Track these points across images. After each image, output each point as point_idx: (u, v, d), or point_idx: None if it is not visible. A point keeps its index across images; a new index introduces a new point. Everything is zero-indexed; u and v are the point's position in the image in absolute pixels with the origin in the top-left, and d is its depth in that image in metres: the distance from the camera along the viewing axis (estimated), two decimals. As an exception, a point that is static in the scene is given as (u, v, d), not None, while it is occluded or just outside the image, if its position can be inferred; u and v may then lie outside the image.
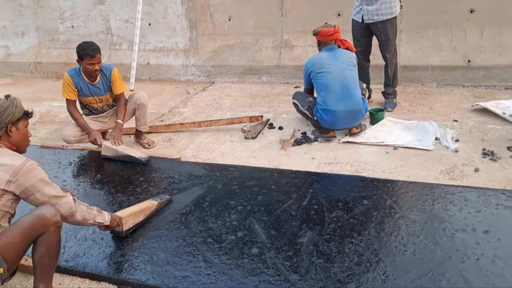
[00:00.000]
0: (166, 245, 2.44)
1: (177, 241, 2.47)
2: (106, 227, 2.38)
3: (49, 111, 5.31)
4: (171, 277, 2.18)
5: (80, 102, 3.78)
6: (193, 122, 4.31)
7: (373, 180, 3.04)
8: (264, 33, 6.01)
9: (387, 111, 4.33)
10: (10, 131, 2.08)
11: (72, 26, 6.99)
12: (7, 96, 2.11)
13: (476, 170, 3.08)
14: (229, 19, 6.10)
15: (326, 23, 4.08)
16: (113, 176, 3.36)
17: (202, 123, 4.27)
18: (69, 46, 7.00)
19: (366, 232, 2.43)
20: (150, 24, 6.46)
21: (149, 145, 3.91)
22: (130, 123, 4.00)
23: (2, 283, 1.98)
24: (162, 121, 4.66)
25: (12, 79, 7.21)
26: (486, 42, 4.95)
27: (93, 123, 3.78)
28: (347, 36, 4.38)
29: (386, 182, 2.99)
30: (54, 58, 7.10)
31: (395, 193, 2.84)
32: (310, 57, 4.06)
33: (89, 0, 6.78)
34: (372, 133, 3.84)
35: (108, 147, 3.53)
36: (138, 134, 3.97)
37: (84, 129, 3.65)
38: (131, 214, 2.58)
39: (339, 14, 5.51)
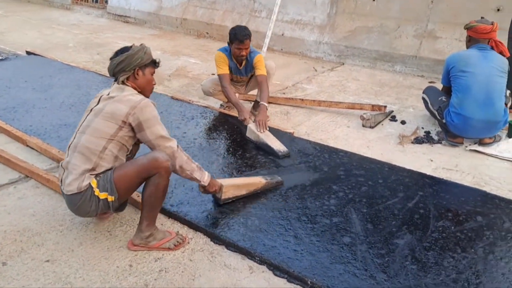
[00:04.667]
0: (262, 213, 2.55)
1: (272, 212, 2.56)
2: (204, 190, 2.43)
3: (185, 66, 5.76)
4: (260, 244, 2.28)
5: None
6: (314, 100, 4.33)
7: (494, 197, 2.76)
8: (407, 19, 5.67)
9: (532, 126, 3.81)
10: (137, 74, 2.28)
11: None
12: (140, 45, 2.32)
13: None
14: (374, 0, 5.86)
15: (482, 17, 3.68)
16: (228, 138, 3.58)
17: (323, 103, 4.26)
18: (213, 7, 7.42)
19: (472, 250, 2.25)
20: (292, -6, 6.53)
21: None
22: (254, 91, 4.15)
23: (113, 211, 2.28)
24: (284, 93, 4.76)
25: (160, 31, 7.94)
26: None
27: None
28: (503, 36, 3.90)
29: (510, 202, 2.70)
30: (198, 16, 7.60)
31: (518, 218, 2.55)
32: (455, 52, 3.73)
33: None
34: (507, 146, 3.44)
35: (252, 131, 3.48)
36: (255, 105, 4.01)
37: (235, 106, 3.72)
38: (233, 185, 2.60)
39: (498, 9, 4.93)
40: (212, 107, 4.13)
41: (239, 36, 3.57)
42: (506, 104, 3.50)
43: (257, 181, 2.75)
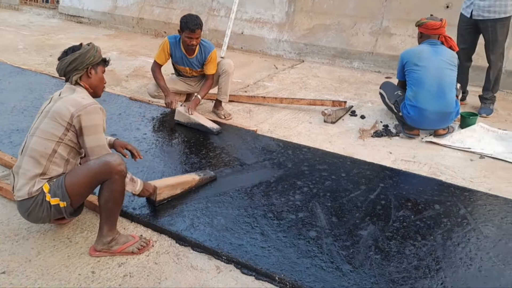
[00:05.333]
0: (228, 211, 2.53)
1: (238, 210, 2.55)
2: (139, 195, 2.42)
3: (143, 66, 5.63)
4: (227, 243, 2.26)
5: (173, 64, 3.98)
6: (275, 97, 4.35)
7: (450, 185, 2.88)
8: (363, 17, 5.81)
9: (481, 116, 4.02)
10: (90, 73, 2.23)
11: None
12: (88, 44, 2.27)
13: None
14: (330, -2, 5.98)
15: (431, 15, 3.83)
16: (190, 137, 3.52)
17: (284, 100, 4.29)
18: (170, 6, 7.32)
19: (432, 237, 2.33)
20: (250, -7, 6.54)
21: (225, 117, 3.92)
22: (214, 89, 4.10)
23: (67, 217, 2.20)
24: (246, 92, 4.76)
25: (116, 31, 7.73)
26: None
27: (180, 83, 3.98)
28: (452, 31, 4.08)
29: (464, 190, 2.82)
30: (155, 16, 7.47)
31: (472, 203, 2.67)
32: (409, 48, 3.85)
33: (196, -36, 6.95)
34: (459, 137, 3.60)
35: (181, 113, 3.66)
36: (217, 104, 4.01)
37: (162, 90, 3.82)
38: (167, 186, 2.58)
39: (447, 6, 5.14)
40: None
41: (190, 25, 3.54)
42: (457, 96, 3.66)
43: (190, 178, 2.74)
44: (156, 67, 3.85)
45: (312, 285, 1.99)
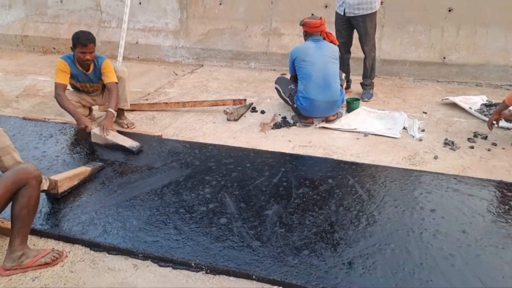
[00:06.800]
0: (140, 213, 2.61)
1: (150, 211, 2.63)
2: (43, 190, 2.55)
3: (34, 84, 5.38)
4: (141, 241, 2.35)
5: (72, 85, 3.84)
6: (178, 102, 4.45)
7: (340, 162, 3.24)
8: (254, 20, 6.13)
9: (363, 101, 4.53)
10: None
11: (61, 1, 7.01)
12: None
13: (436, 157, 3.31)
14: (220, 4, 6.21)
15: (312, 14, 4.23)
16: (93, 149, 3.50)
17: (187, 104, 4.40)
18: (57, 21, 7.04)
19: (327, 207, 2.64)
20: (140, 3, 6.53)
21: (128, 127, 3.92)
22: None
23: None
24: (147, 100, 4.79)
25: (-3, 51, 7.24)
26: (462, 41, 5.18)
27: (85, 97, 3.89)
28: (332, 28, 4.54)
29: (352, 164, 3.20)
30: (41, 32, 7.12)
31: (358, 174, 3.05)
32: (297, 46, 4.20)
33: (78, -25, 6.76)
34: (346, 120, 4.03)
35: (97, 135, 3.54)
36: (119, 113, 3.96)
37: (73, 114, 3.63)
38: (66, 178, 2.83)
39: (326, 6, 5.66)
40: (71, 122, 3.92)
41: (82, 40, 3.51)
42: (341, 86, 4.09)
43: (83, 170, 3.04)
44: (61, 90, 3.62)
45: (226, 264, 2.17)
